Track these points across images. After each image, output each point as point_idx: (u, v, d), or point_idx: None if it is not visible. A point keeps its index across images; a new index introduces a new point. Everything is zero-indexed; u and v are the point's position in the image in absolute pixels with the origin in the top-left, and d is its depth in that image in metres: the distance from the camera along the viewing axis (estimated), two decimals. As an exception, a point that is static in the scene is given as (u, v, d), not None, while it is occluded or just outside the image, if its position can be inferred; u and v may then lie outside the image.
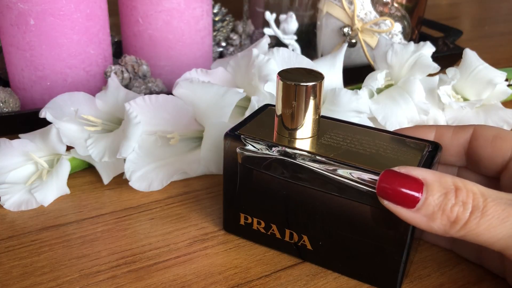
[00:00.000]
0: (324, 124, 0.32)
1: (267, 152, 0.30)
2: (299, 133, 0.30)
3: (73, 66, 0.46)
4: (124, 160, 0.37)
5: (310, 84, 0.28)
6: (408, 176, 0.24)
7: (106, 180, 0.39)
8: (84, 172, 0.41)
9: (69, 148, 0.39)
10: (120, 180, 0.39)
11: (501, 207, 0.23)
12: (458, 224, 0.24)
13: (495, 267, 0.31)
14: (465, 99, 0.48)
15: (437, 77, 0.45)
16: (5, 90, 0.45)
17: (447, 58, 0.60)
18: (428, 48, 0.44)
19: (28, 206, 0.36)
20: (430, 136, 0.31)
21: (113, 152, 0.38)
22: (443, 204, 0.24)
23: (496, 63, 0.49)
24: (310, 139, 0.30)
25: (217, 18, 0.61)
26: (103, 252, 0.32)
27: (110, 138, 0.39)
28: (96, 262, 0.31)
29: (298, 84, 0.28)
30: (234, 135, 0.31)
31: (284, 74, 0.29)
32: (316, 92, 0.29)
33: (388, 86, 0.46)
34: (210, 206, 0.37)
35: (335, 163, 0.28)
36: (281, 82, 0.29)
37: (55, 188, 0.36)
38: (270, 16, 0.55)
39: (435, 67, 0.43)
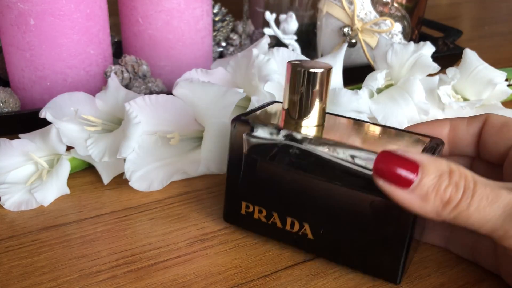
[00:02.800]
0: (329, 117, 0.33)
1: (274, 137, 0.30)
2: (305, 122, 0.31)
3: (73, 66, 0.46)
4: (124, 160, 0.37)
5: (319, 71, 0.29)
6: (405, 157, 0.25)
7: (106, 180, 0.39)
8: (84, 172, 0.40)
9: (69, 148, 0.39)
10: (120, 180, 0.39)
11: (489, 188, 0.24)
12: (450, 205, 0.24)
13: (488, 264, 0.31)
14: (465, 99, 0.48)
15: (437, 77, 0.45)
16: (5, 90, 0.45)
17: (447, 58, 0.60)
18: (428, 48, 0.44)
19: (28, 206, 0.36)
20: (445, 130, 0.32)
21: (113, 152, 0.38)
22: (437, 185, 0.24)
23: (496, 63, 0.49)
24: (315, 127, 0.31)
25: (217, 18, 0.61)
26: (103, 252, 0.32)
27: (110, 138, 0.39)
28: (96, 262, 0.31)
29: (307, 70, 0.29)
30: (242, 119, 0.31)
31: (294, 62, 0.30)
32: (323, 80, 0.30)
33: (388, 86, 0.46)
34: (210, 206, 0.37)
35: (340, 146, 0.29)
36: (291, 68, 0.30)
37: (55, 188, 0.36)
38: (270, 16, 0.55)
39: (435, 67, 0.43)
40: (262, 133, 0.30)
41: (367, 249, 0.29)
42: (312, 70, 0.29)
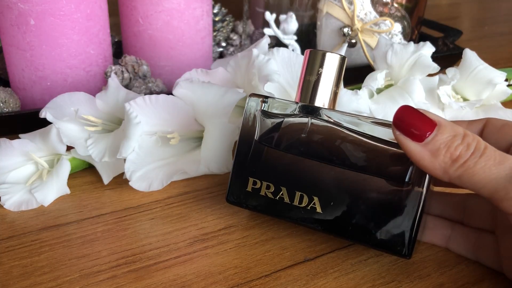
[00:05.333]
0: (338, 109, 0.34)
1: (288, 111, 0.31)
2: (318, 103, 0.32)
3: (73, 66, 0.46)
4: (124, 160, 0.37)
5: (336, 55, 0.31)
6: (424, 115, 0.27)
7: (106, 180, 0.39)
8: (84, 172, 0.41)
9: (69, 148, 0.39)
10: (120, 180, 0.39)
11: (498, 153, 0.26)
12: (458, 162, 0.26)
13: (490, 260, 0.31)
14: (465, 99, 0.48)
15: (437, 77, 0.45)
16: (5, 90, 0.45)
17: (447, 58, 0.60)
18: (428, 48, 0.44)
19: (28, 206, 0.36)
20: None
21: (113, 152, 0.38)
22: (450, 142, 0.26)
23: (496, 63, 0.49)
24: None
25: (217, 18, 0.61)
26: (103, 252, 0.32)
27: (110, 138, 0.39)
28: (96, 262, 0.31)
29: (326, 52, 0.31)
30: (259, 94, 0.33)
31: (312, 49, 0.33)
32: (339, 65, 0.32)
33: (388, 86, 0.46)
34: (211, 206, 0.37)
35: (355, 115, 0.30)
36: (309, 53, 0.32)
37: (55, 188, 0.36)
38: (270, 16, 0.55)
39: (435, 67, 0.43)
40: (276, 106, 0.32)
41: (377, 221, 0.29)
42: (329, 53, 0.32)
